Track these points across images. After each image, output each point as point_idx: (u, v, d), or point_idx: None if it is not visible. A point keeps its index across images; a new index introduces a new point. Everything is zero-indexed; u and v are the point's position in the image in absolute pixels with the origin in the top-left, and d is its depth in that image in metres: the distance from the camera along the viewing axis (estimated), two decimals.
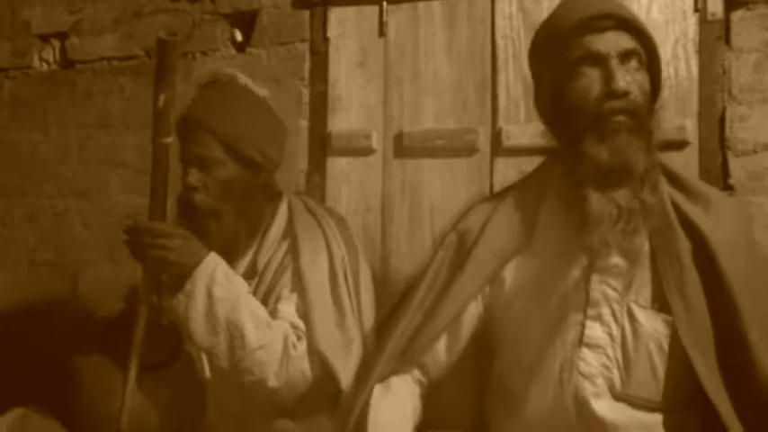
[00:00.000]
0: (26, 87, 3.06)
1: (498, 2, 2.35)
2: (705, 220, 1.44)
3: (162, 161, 1.66)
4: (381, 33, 2.50)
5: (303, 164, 2.56)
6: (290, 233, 1.82)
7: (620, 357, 1.43)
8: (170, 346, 1.80)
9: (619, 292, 1.44)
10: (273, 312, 1.72)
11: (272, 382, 1.66)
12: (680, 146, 2.09)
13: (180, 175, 1.76)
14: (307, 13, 2.58)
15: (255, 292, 1.76)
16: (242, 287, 1.70)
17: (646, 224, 1.41)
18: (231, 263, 1.74)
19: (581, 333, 1.45)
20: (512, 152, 2.29)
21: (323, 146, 2.55)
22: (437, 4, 2.43)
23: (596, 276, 1.45)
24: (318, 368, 1.69)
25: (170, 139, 1.66)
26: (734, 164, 2.05)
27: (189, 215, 1.73)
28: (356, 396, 1.53)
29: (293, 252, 1.79)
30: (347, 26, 2.54)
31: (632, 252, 1.42)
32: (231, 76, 1.81)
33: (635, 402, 1.42)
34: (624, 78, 1.39)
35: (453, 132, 2.38)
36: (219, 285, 1.65)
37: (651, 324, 1.42)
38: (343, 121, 2.54)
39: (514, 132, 2.29)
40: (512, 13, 2.34)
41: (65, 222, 2.95)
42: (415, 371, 1.57)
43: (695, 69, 2.11)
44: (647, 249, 1.45)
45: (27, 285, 2.98)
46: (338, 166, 2.53)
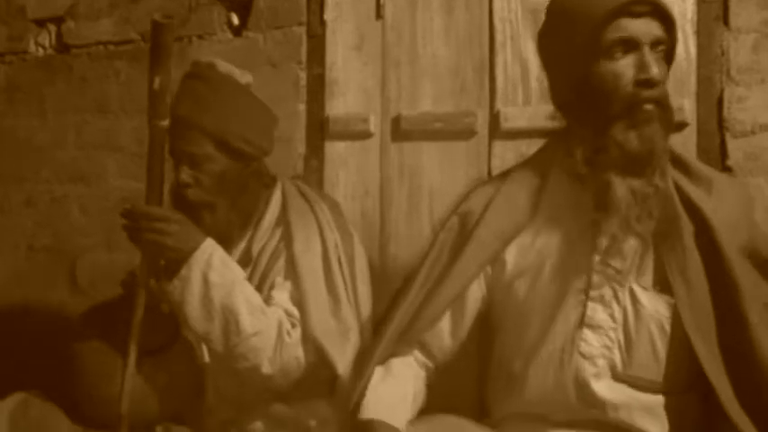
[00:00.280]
0: (22, 72, 3.04)
1: None
2: (707, 202, 1.44)
3: (158, 144, 1.65)
4: (378, 16, 2.48)
5: (301, 148, 2.55)
6: (283, 220, 1.82)
7: (621, 338, 1.44)
8: (168, 330, 1.80)
9: (621, 274, 1.44)
10: (267, 299, 1.73)
11: (266, 369, 1.66)
12: (678, 127, 2.07)
13: (173, 166, 1.76)
14: None
15: (250, 280, 1.76)
16: (238, 273, 1.70)
17: (655, 208, 1.41)
18: (226, 251, 1.73)
19: (582, 314, 1.45)
20: (510, 135, 2.29)
21: (320, 130, 2.54)
22: None
23: (598, 257, 1.45)
24: (313, 355, 1.70)
25: (166, 122, 1.65)
26: (732, 145, 2.05)
27: (182, 209, 1.72)
28: (356, 379, 1.53)
29: (286, 239, 1.79)
30: (344, 9, 2.52)
31: (644, 236, 1.42)
32: (212, 64, 1.81)
33: (636, 383, 1.43)
34: (657, 67, 1.38)
35: (451, 115, 2.38)
36: (216, 271, 1.65)
37: (653, 306, 1.43)
38: (340, 105, 2.53)
39: (512, 115, 2.29)
40: None
41: (63, 208, 2.94)
42: (420, 355, 1.57)
43: (693, 50, 2.10)
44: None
45: (25, 271, 2.98)
46: (336, 150, 2.53)
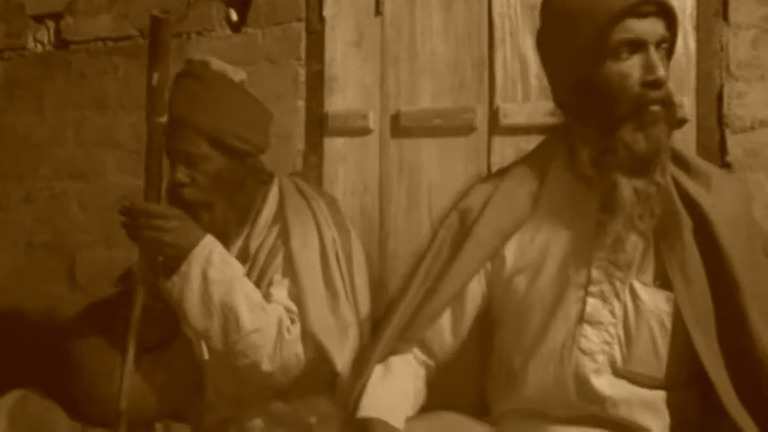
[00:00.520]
0: (21, 69, 3.04)
1: None
2: (706, 198, 1.44)
3: (156, 140, 1.65)
4: (378, 12, 2.48)
5: (300, 144, 2.55)
6: (280, 217, 1.82)
7: (621, 334, 1.43)
8: (167, 327, 1.80)
9: (621, 270, 1.44)
10: (266, 296, 1.72)
11: (265, 366, 1.66)
12: (678, 123, 2.08)
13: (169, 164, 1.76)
14: None
15: (248, 277, 1.75)
16: (237, 270, 1.70)
17: (657, 206, 1.41)
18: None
19: (582, 310, 1.45)
20: (509, 131, 2.28)
21: (320, 126, 2.53)
22: None
23: (598, 253, 1.45)
24: (312, 352, 1.70)
25: (164, 119, 1.65)
26: (731, 141, 2.05)
27: (180, 209, 1.72)
28: (356, 377, 1.52)
29: (284, 236, 1.79)
30: (343, 5, 2.52)
31: (646, 234, 1.42)
32: (205, 62, 1.81)
33: (636, 379, 1.43)
34: (663, 67, 1.38)
35: (450, 111, 2.37)
36: (215, 267, 1.65)
37: (653, 301, 1.42)
38: (339, 102, 2.53)
39: (512, 111, 2.28)
40: None
41: (62, 204, 2.94)
42: (420, 353, 1.56)
43: (693, 46, 2.10)
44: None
45: (24, 268, 2.98)
46: (335, 146, 2.52)
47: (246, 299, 1.66)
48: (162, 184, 1.68)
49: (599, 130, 1.41)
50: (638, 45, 1.38)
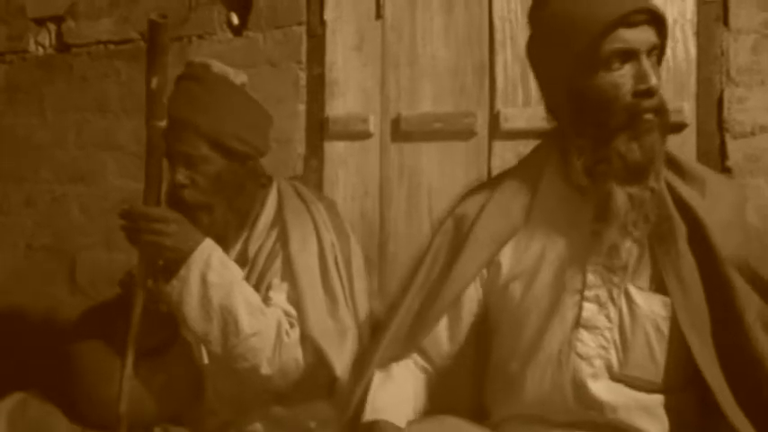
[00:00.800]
0: (22, 72, 3.05)
1: None
2: (700, 203, 1.44)
3: (156, 144, 1.65)
4: (378, 16, 2.48)
5: (300, 148, 2.56)
6: (279, 220, 1.82)
7: (617, 339, 1.43)
8: (167, 331, 1.80)
9: (616, 274, 1.44)
10: (265, 300, 1.73)
11: (264, 370, 1.66)
12: (678, 128, 2.08)
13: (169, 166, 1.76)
14: None
15: (247, 281, 1.75)
16: (237, 274, 1.70)
17: (651, 212, 1.41)
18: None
19: (578, 315, 1.45)
20: (510, 135, 2.28)
21: (320, 130, 2.54)
22: None
23: (594, 258, 1.45)
24: (311, 355, 1.70)
25: (164, 123, 1.65)
26: (732, 146, 2.04)
27: (179, 211, 1.72)
28: (356, 382, 1.52)
29: (282, 239, 1.79)
30: (344, 9, 2.52)
31: (641, 240, 1.42)
32: (205, 65, 1.81)
33: (633, 383, 1.43)
34: (655, 75, 1.38)
35: (451, 116, 2.37)
36: (214, 271, 1.65)
37: (649, 306, 1.42)
38: (340, 105, 2.53)
39: (512, 115, 2.28)
40: None
41: (62, 207, 2.95)
42: (419, 358, 1.56)
43: (693, 51, 2.10)
44: None
45: (24, 270, 2.98)
46: (336, 150, 2.53)
47: (245, 302, 1.66)
48: (162, 187, 1.69)
49: (592, 140, 1.41)
50: (629, 54, 1.37)
